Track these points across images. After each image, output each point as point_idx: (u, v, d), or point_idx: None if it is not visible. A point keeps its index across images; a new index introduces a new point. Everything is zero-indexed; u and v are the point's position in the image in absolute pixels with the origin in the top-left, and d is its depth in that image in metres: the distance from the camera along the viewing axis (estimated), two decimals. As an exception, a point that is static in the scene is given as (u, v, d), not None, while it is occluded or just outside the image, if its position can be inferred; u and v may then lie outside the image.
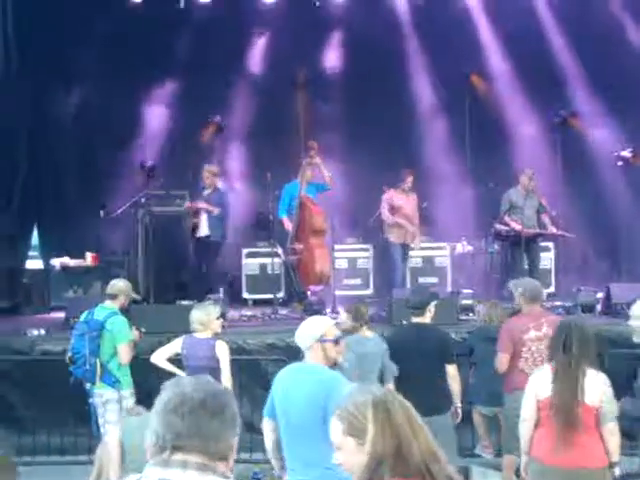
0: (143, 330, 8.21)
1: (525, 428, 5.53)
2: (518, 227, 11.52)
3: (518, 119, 13.61)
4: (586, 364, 5.33)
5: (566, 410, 5.29)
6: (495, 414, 7.99)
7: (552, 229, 11.76)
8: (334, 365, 5.34)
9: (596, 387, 5.33)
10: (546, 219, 11.79)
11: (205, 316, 7.32)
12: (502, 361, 6.96)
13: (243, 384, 8.41)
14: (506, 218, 11.67)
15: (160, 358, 7.43)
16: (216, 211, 11.57)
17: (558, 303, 10.82)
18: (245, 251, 13.02)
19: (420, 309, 7.14)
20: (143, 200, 11.52)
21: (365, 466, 2.73)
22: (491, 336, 7.85)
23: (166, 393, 2.49)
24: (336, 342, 5.30)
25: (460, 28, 13.45)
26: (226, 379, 7.10)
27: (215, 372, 7.00)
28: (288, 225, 11.77)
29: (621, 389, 5.61)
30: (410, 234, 11.87)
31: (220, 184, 12.16)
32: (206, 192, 11.78)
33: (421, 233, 12.24)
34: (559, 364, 5.38)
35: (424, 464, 2.71)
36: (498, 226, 11.75)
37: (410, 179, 11.76)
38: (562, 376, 5.33)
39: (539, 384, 5.48)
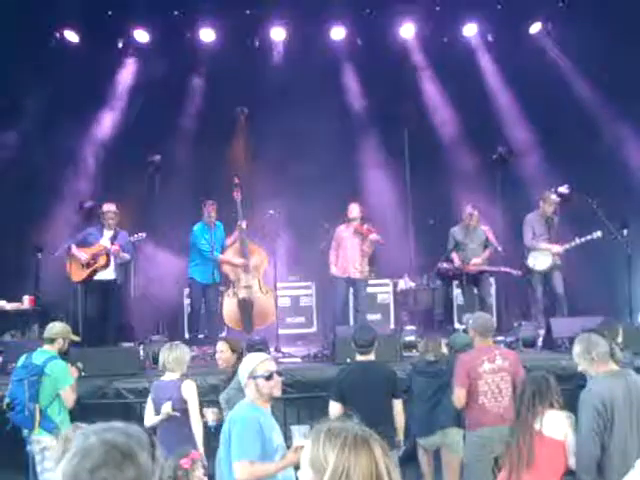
0: (80, 365, 8.05)
1: None
2: (458, 264, 11.72)
3: (457, 156, 13.82)
4: (541, 411, 5.41)
5: (520, 456, 5.35)
6: (438, 448, 7.98)
7: (494, 266, 11.97)
8: (269, 401, 5.35)
9: (559, 426, 5.40)
10: (484, 255, 11.98)
11: (182, 355, 7.15)
12: (459, 396, 6.95)
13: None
14: (452, 255, 11.84)
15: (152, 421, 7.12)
16: (127, 256, 11.24)
17: (500, 338, 10.87)
18: (187, 291, 12.87)
19: (367, 347, 7.14)
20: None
21: None
22: (424, 369, 7.90)
23: (74, 443, 2.32)
24: (268, 378, 5.26)
25: (399, 66, 13.66)
26: (195, 420, 6.89)
27: (185, 413, 6.88)
28: (234, 261, 11.64)
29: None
30: (354, 269, 11.87)
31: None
32: (109, 233, 11.23)
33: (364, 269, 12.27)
34: (515, 421, 5.53)
35: None
36: (440, 264, 11.90)
37: (352, 210, 11.85)
38: (516, 430, 5.43)
39: None
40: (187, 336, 12.64)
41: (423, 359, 8.11)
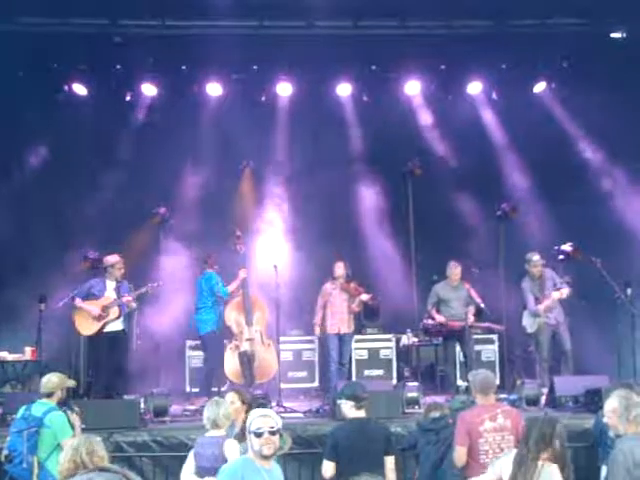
0: (77, 409, 7.94)
1: None
2: (442, 320, 11.77)
3: (461, 212, 13.87)
4: (543, 459, 5.31)
5: None
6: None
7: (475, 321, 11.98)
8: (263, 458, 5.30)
9: None
10: (471, 312, 11.95)
11: (215, 414, 6.89)
12: (459, 454, 6.85)
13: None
14: (432, 312, 11.89)
15: (189, 476, 6.84)
16: (134, 304, 11.37)
17: (503, 396, 10.76)
18: (189, 343, 12.85)
19: (362, 403, 7.08)
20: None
21: None
22: (429, 427, 7.84)
23: None
24: (258, 435, 5.22)
25: (404, 124, 13.77)
26: None
27: None
28: (240, 307, 11.69)
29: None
30: (343, 324, 12.05)
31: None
32: (112, 284, 11.33)
33: (366, 325, 12.35)
34: (517, 455, 5.38)
35: None
36: (425, 321, 11.96)
37: (337, 269, 12.02)
38: (517, 469, 5.32)
39: (505, 467, 5.49)
40: (187, 389, 12.62)
41: (428, 417, 8.05)
